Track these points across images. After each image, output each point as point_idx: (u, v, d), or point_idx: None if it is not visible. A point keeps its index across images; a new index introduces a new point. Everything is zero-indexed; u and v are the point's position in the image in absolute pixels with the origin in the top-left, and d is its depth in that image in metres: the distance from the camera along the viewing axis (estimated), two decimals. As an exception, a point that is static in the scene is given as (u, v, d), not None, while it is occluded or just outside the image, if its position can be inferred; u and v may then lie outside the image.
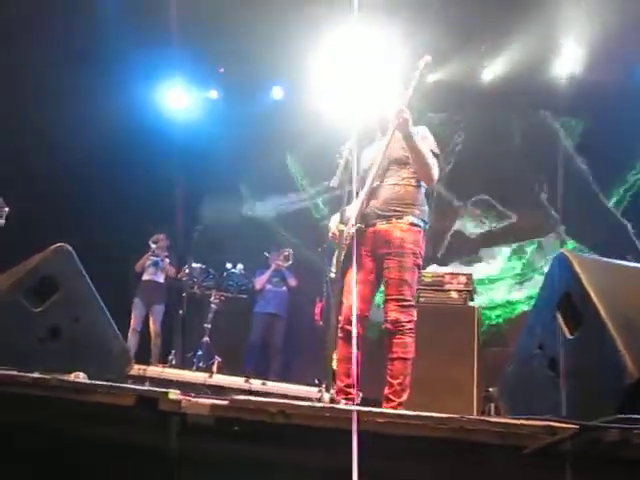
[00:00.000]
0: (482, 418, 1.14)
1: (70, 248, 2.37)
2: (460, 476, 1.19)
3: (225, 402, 1.34)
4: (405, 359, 2.88)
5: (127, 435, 1.43)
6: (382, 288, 3.02)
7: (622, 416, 1.13)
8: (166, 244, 6.78)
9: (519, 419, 1.21)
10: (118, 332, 2.44)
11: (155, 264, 6.73)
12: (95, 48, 6.19)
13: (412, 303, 2.95)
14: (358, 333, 2.89)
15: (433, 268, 5.05)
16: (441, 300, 4.74)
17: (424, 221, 3.02)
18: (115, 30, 6.10)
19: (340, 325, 2.89)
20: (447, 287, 4.80)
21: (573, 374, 1.66)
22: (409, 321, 2.89)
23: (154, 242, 6.69)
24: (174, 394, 1.39)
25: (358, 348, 2.91)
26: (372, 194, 3.00)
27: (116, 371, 2.30)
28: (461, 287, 4.76)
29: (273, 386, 5.53)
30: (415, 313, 2.94)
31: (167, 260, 6.76)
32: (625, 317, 1.62)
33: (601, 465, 1.08)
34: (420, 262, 3.00)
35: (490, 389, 4.81)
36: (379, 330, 3.33)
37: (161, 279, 6.74)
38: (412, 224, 2.95)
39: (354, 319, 2.75)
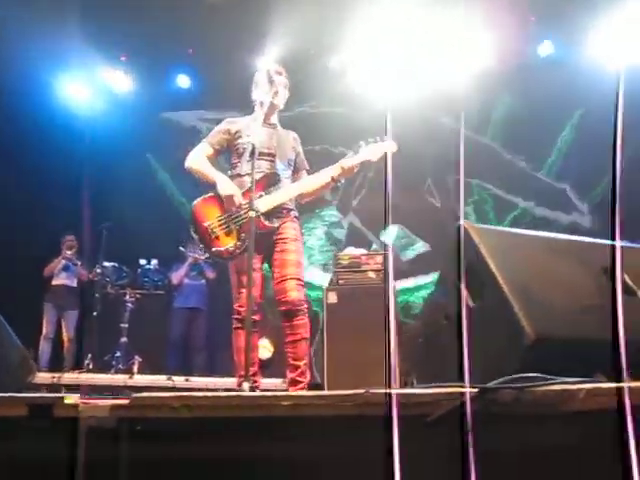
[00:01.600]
0: (386, 391, 1.15)
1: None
2: (367, 450, 1.20)
3: (125, 401, 1.28)
4: (307, 339, 2.96)
5: (24, 448, 1.33)
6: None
7: (514, 376, 1.17)
8: (75, 246, 6.46)
9: (424, 387, 1.23)
10: (17, 340, 2.28)
11: (66, 268, 6.41)
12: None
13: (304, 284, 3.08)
14: (258, 321, 2.98)
15: (349, 250, 5.10)
16: (359, 281, 4.82)
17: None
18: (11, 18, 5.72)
19: (242, 315, 2.89)
20: (364, 267, 4.89)
21: (477, 340, 1.72)
22: (305, 301, 2.97)
23: (68, 248, 6.37)
24: (70, 398, 1.31)
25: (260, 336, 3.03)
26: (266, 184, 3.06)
27: (16, 381, 2.16)
28: (378, 267, 4.86)
29: (197, 382, 5.43)
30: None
31: (79, 263, 6.45)
32: (522, 283, 1.70)
33: (497, 424, 1.11)
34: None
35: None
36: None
37: (74, 283, 6.43)
38: (296, 217, 3.19)
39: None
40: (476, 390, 1.11)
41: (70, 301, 6.38)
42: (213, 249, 2.96)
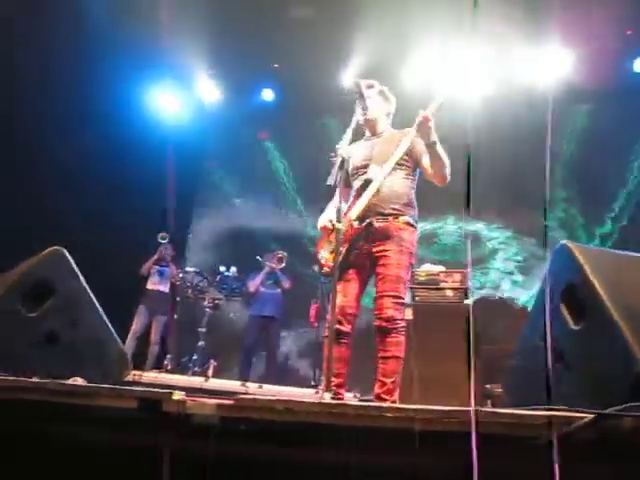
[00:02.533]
0: (494, 410, 1.12)
1: (64, 251, 2.33)
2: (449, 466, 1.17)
3: (231, 402, 1.31)
4: (399, 357, 2.88)
5: (131, 438, 1.40)
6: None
7: (636, 403, 1.11)
8: (171, 253, 6.73)
9: (530, 409, 1.19)
10: (116, 336, 2.40)
11: (160, 273, 6.66)
12: (81, 49, 6.13)
13: (404, 302, 2.97)
14: (350, 332, 2.94)
15: (427, 266, 5.03)
16: (436, 298, 4.74)
17: (417, 221, 3.06)
18: (102, 30, 6.05)
19: (332, 325, 2.86)
20: (442, 285, 4.80)
21: (579, 365, 1.65)
22: (402, 319, 2.91)
23: (162, 238, 6.61)
24: (178, 395, 1.36)
25: (349, 347, 2.97)
26: (359, 194, 3.03)
27: (114, 376, 2.26)
28: (456, 285, 4.76)
29: (269, 389, 5.50)
30: (405, 312, 2.95)
31: (173, 267, 6.70)
32: (630, 306, 1.61)
33: (616, 453, 1.06)
34: (414, 261, 3.02)
35: (487, 386, 4.82)
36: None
37: (166, 289, 6.66)
38: (408, 223, 2.98)
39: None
40: (593, 415, 1.06)
41: (161, 306, 6.60)
42: (323, 270, 3.00)
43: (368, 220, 2.92)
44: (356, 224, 2.92)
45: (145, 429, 1.38)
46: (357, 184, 3.06)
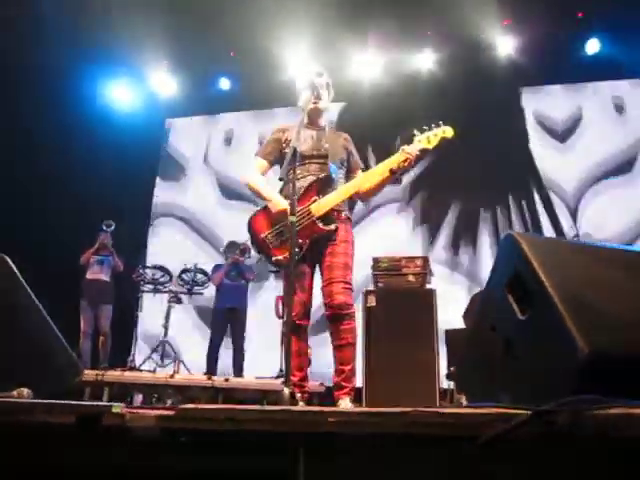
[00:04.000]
0: (434, 410, 1.11)
1: (7, 258, 2.24)
2: (415, 470, 1.16)
3: (171, 412, 1.28)
4: (354, 344, 2.94)
5: (71, 456, 1.35)
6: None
7: (571, 398, 1.12)
8: (110, 240, 6.57)
9: (472, 407, 1.19)
10: (63, 341, 2.32)
11: (100, 262, 6.51)
12: (32, 46, 5.95)
13: (353, 289, 3.02)
14: (306, 325, 3.00)
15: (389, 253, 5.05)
16: (399, 284, 4.78)
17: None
18: (55, 24, 5.88)
19: (293, 320, 2.87)
20: (404, 271, 4.84)
21: (527, 355, 1.67)
22: (352, 305, 2.94)
23: (107, 225, 6.47)
24: (118, 407, 1.31)
25: (307, 340, 3.01)
26: (320, 187, 3.03)
27: (63, 383, 2.20)
28: (418, 270, 4.81)
29: (236, 381, 5.48)
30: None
31: (115, 257, 6.56)
32: (574, 294, 1.63)
33: (554, 449, 1.07)
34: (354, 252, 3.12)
35: (452, 368, 4.89)
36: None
37: (107, 277, 6.53)
38: (348, 218, 3.16)
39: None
40: (531, 412, 1.06)
41: (104, 295, 6.47)
42: (273, 258, 2.96)
43: (334, 225, 2.99)
44: (320, 224, 2.93)
45: (84, 444, 1.33)
46: (312, 173, 3.04)
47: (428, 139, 3.06)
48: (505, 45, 6.86)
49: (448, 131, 3.09)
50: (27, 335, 2.17)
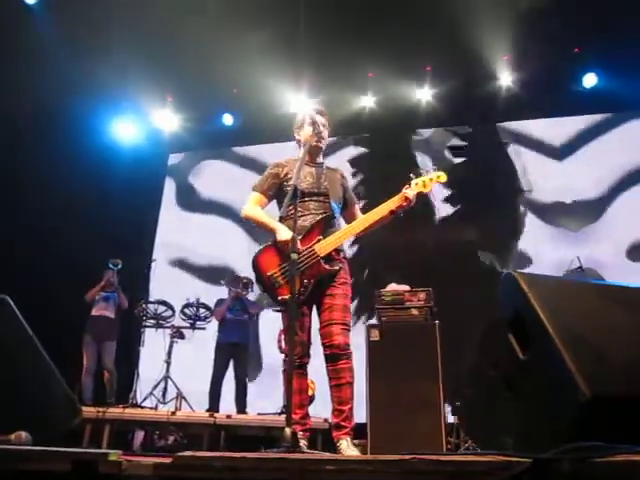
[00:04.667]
0: (433, 458, 1.10)
1: (7, 298, 2.24)
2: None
3: (168, 460, 1.26)
4: (352, 383, 2.93)
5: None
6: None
7: (573, 445, 1.10)
8: (116, 278, 6.57)
9: (472, 455, 1.18)
10: (62, 380, 2.31)
11: (106, 299, 6.51)
12: (37, 83, 6.06)
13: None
14: (306, 363, 2.99)
15: (392, 286, 5.03)
16: (402, 318, 4.74)
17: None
18: (60, 61, 6.00)
19: (295, 359, 2.85)
20: (407, 304, 4.81)
21: (528, 396, 1.65)
22: (349, 345, 2.94)
23: (114, 264, 6.48)
24: (115, 455, 1.30)
25: (307, 378, 3.00)
26: (324, 226, 3.05)
27: (63, 425, 2.17)
28: (421, 304, 4.78)
29: (238, 418, 5.41)
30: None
31: (120, 294, 6.56)
32: (574, 333, 1.62)
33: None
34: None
35: (457, 403, 4.82)
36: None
37: (112, 314, 6.51)
38: (345, 257, 3.16)
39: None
40: (532, 460, 1.05)
41: (108, 332, 6.41)
42: (279, 298, 2.95)
43: (338, 266, 3.00)
44: (326, 265, 2.94)
45: (80, 493, 1.31)
46: (314, 211, 3.05)
47: (424, 183, 3.17)
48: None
49: (442, 176, 3.26)
50: (26, 377, 2.16)
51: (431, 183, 3.19)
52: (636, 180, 6.94)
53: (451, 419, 4.69)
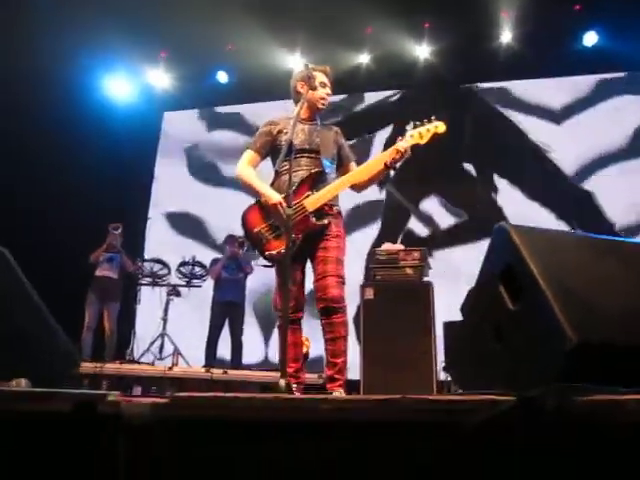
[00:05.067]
0: (424, 397, 1.13)
1: (6, 251, 2.25)
2: (409, 457, 1.19)
3: (165, 400, 1.30)
4: (346, 337, 2.97)
5: (66, 443, 1.37)
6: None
7: (558, 384, 1.14)
8: (120, 239, 6.60)
9: (461, 395, 1.21)
10: (61, 331, 2.34)
11: (109, 260, 6.55)
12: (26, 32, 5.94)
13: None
14: (300, 317, 3.05)
15: (387, 246, 5.07)
16: (396, 277, 4.79)
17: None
18: (53, 18, 5.87)
19: (289, 312, 2.89)
20: (402, 264, 4.85)
21: (517, 344, 1.69)
22: (344, 298, 2.97)
23: (114, 228, 6.50)
24: (113, 396, 1.34)
25: (301, 332, 3.07)
26: (313, 182, 3.04)
27: (61, 372, 2.22)
28: (415, 262, 4.82)
29: (234, 374, 5.51)
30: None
31: (123, 256, 6.59)
32: (565, 285, 1.65)
33: (540, 436, 1.09)
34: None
35: (449, 360, 4.92)
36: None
37: (116, 275, 6.56)
38: (339, 212, 3.16)
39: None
40: (517, 398, 1.08)
41: (112, 293, 6.50)
42: (266, 253, 2.98)
43: (327, 220, 3.00)
44: (313, 218, 2.94)
45: (80, 432, 1.35)
46: (305, 167, 3.05)
47: (420, 134, 3.07)
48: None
49: (440, 126, 3.11)
50: (24, 326, 2.19)
51: (428, 134, 3.08)
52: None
53: (443, 376, 4.80)
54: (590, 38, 6.71)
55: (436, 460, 1.10)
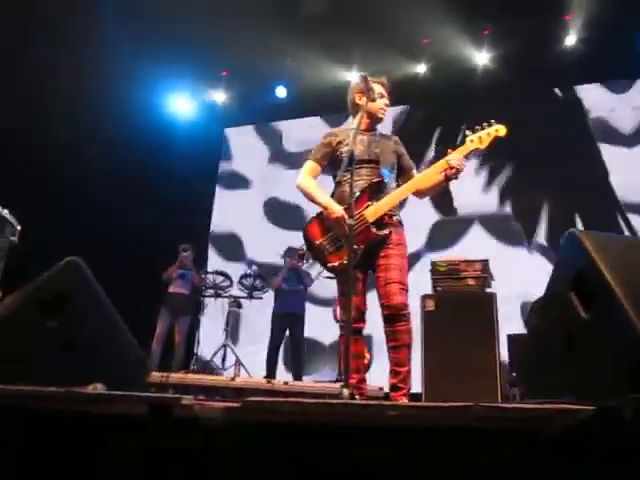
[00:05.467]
0: (495, 405, 1.12)
1: (81, 261, 2.38)
2: (480, 465, 1.17)
3: (238, 404, 1.33)
4: (410, 346, 2.93)
5: (143, 444, 1.42)
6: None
7: (636, 395, 1.10)
8: (192, 256, 6.80)
9: (534, 403, 1.19)
10: (134, 340, 2.45)
11: (182, 276, 6.75)
12: (95, 53, 6.22)
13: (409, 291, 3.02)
14: (362, 328, 3.02)
15: (447, 256, 5.00)
16: (458, 288, 4.71)
17: None
18: (115, 34, 6.14)
19: (349, 324, 2.88)
20: (463, 275, 4.77)
21: (590, 354, 1.63)
22: (408, 306, 2.94)
23: (184, 250, 6.71)
24: (187, 399, 1.38)
25: (364, 343, 3.07)
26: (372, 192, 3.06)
27: (133, 379, 2.31)
28: (477, 274, 4.73)
29: (295, 385, 5.54)
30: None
31: (194, 273, 6.78)
32: (638, 289, 1.59)
33: (619, 445, 1.05)
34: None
35: (514, 373, 4.78)
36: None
37: (188, 291, 6.75)
38: (400, 222, 3.15)
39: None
40: (593, 408, 1.05)
41: (184, 308, 6.70)
42: (329, 265, 3.01)
43: (387, 230, 3.00)
44: (374, 229, 2.95)
45: (156, 434, 1.40)
46: (365, 177, 3.07)
47: (480, 139, 3.00)
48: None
49: (501, 130, 3.02)
50: (99, 333, 2.30)
51: (488, 138, 2.99)
52: None
53: (507, 389, 4.66)
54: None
55: (510, 468, 1.08)
